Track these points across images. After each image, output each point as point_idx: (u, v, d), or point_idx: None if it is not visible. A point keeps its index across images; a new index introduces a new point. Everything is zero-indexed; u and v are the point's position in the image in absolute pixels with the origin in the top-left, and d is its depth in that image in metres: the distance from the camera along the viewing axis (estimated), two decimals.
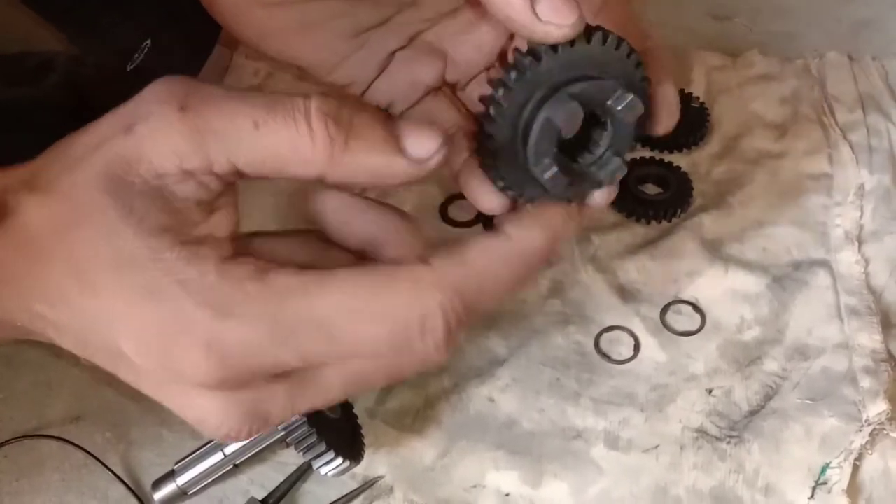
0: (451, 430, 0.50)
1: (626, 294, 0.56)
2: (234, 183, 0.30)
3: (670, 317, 0.55)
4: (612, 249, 0.59)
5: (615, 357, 0.53)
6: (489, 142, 0.32)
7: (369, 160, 0.29)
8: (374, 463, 0.49)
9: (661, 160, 0.64)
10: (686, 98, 0.67)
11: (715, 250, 0.58)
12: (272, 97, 0.29)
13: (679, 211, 0.60)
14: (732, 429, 0.49)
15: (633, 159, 0.63)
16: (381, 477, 0.48)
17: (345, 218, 0.32)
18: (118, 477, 0.48)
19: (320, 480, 0.48)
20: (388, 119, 0.30)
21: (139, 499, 0.48)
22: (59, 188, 0.29)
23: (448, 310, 0.28)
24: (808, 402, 0.50)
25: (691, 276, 0.57)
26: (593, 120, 0.34)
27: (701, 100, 0.67)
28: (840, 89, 0.68)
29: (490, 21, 0.36)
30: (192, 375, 0.28)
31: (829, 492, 0.46)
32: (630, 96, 0.32)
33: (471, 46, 0.39)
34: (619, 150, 0.34)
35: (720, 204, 0.61)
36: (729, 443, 0.49)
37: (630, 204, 0.60)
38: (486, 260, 0.30)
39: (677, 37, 0.74)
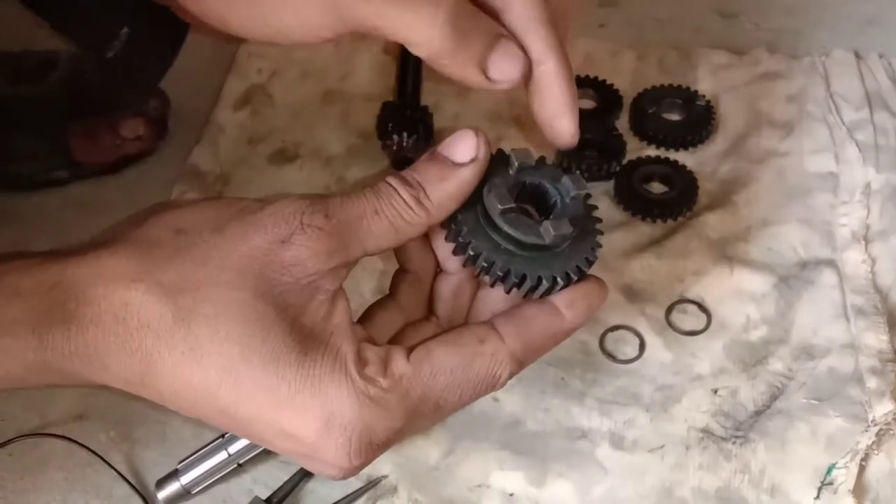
0: (456, 430, 0.50)
1: (631, 293, 0.56)
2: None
3: (676, 316, 0.55)
4: (617, 248, 0.59)
5: (620, 356, 0.53)
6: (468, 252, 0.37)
7: (447, 195, 0.35)
8: (379, 462, 0.48)
9: (667, 159, 0.63)
10: (692, 96, 0.67)
11: (720, 249, 0.58)
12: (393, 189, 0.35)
13: (684, 210, 0.60)
14: (738, 429, 0.49)
15: (639, 158, 0.63)
16: (385, 476, 0.48)
17: None
18: (122, 475, 0.48)
19: (324, 480, 0.48)
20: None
21: (143, 497, 0.47)
22: (194, 287, 0.31)
23: (511, 372, 0.36)
24: (814, 402, 0.50)
25: (697, 276, 0.56)
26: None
27: (707, 98, 0.67)
28: (846, 87, 0.67)
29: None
30: (341, 462, 0.33)
31: (835, 492, 0.46)
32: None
33: None
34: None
35: (726, 203, 0.61)
36: (734, 443, 0.48)
37: (635, 203, 0.60)
38: (543, 336, 0.36)
39: (684, 34, 0.74)
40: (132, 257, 0.32)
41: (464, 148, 0.35)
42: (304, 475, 0.48)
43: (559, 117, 0.37)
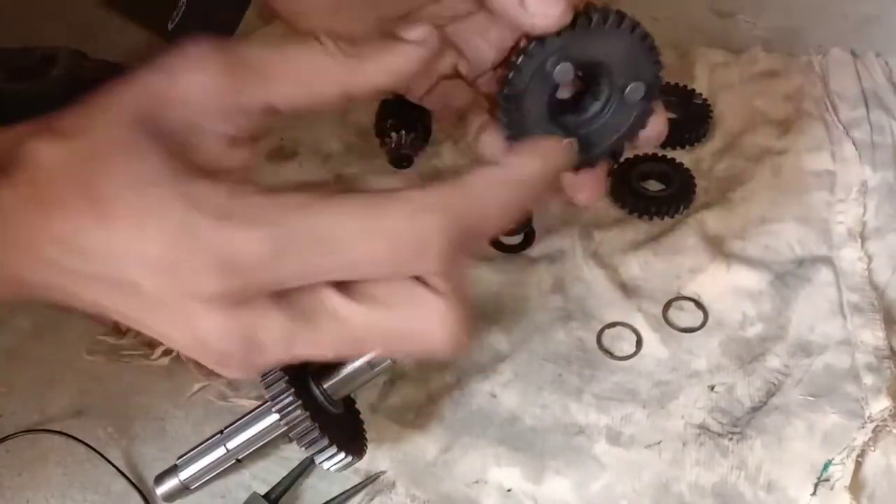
0: (454, 426, 0.50)
1: (628, 290, 0.56)
2: (260, 119, 0.31)
3: (672, 313, 0.55)
4: (614, 245, 0.59)
5: (617, 353, 0.53)
6: (505, 92, 0.38)
7: (382, 59, 0.32)
8: (377, 458, 0.49)
9: (664, 157, 0.63)
10: (689, 94, 0.67)
11: (717, 247, 0.58)
12: (300, 46, 0.31)
13: (681, 207, 0.60)
14: (734, 425, 0.49)
15: (636, 156, 0.63)
16: (383, 472, 0.48)
17: None
18: (120, 471, 0.48)
19: (323, 475, 0.49)
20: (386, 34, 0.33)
21: (141, 493, 0.48)
22: (82, 129, 0.30)
23: (447, 231, 0.29)
24: (811, 398, 0.50)
25: (694, 273, 0.57)
26: (592, 90, 0.40)
27: (704, 96, 0.67)
28: (843, 86, 0.68)
29: (500, 23, 0.39)
30: (198, 288, 0.29)
31: (832, 488, 0.46)
32: (632, 83, 0.39)
33: (483, 44, 0.41)
34: (619, 127, 0.41)
35: (722, 200, 0.61)
36: (731, 439, 0.49)
37: (632, 200, 0.60)
38: (485, 184, 0.30)
39: (681, 33, 0.74)
40: (38, 121, 0.32)
41: (417, 31, 0.33)
42: (303, 470, 0.48)
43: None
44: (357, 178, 0.43)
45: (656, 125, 0.42)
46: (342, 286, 0.31)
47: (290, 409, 0.41)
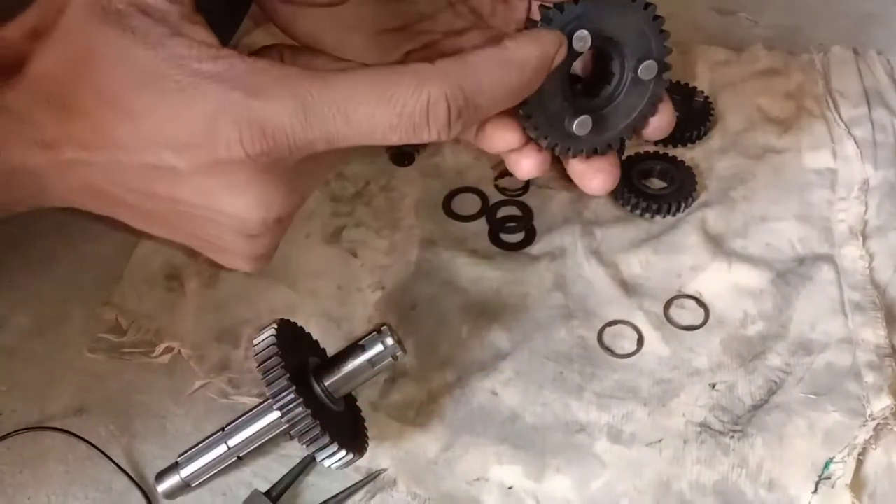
0: (455, 424, 0.50)
1: (629, 288, 0.56)
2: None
3: (674, 311, 0.55)
4: (615, 243, 0.59)
5: (618, 351, 0.53)
6: None
7: None
8: (378, 456, 0.49)
9: (665, 154, 0.63)
10: (690, 92, 0.67)
11: (718, 245, 0.58)
12: None
13: (682, 205, 0.60)
14: (736, 423, 0.49)
15: (638, 153, 0.63)
16: (384, 470, 0.48)
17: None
18: (121, 469, 0.48)
19: (324, 473, 0.48)
20: None
21: (142, 490, 0.48)
22: (60, 31, 0.31)
23: (450, 98, 0.31)
24: (812, 396, 0.50)
25: (695, 271, 0.57)
26: (605, 71, 0.41)
27: (705, 94, 0.67)
28: (845, 84, 0.67)
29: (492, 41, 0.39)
30: (233, 153, 0.31)
31: (833, 486, 0.46)
32: (645, 61, 0.40)
33: None
34: (632, 109, 0.42)
35: (724, 199, 0.61)
36: (732, 437, 0.49)
37: (633, 198, 0.60)
38: (485, 62, 0.33)
39: (682, 31, 0.74)
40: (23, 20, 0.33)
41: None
42: (304, 468, 0.48)
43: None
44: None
45: (665, 112, 0.42)
46: None
47: (291, 406, 0.41)
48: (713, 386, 0.51)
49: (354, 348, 0.45)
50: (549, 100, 0.39)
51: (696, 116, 0.66)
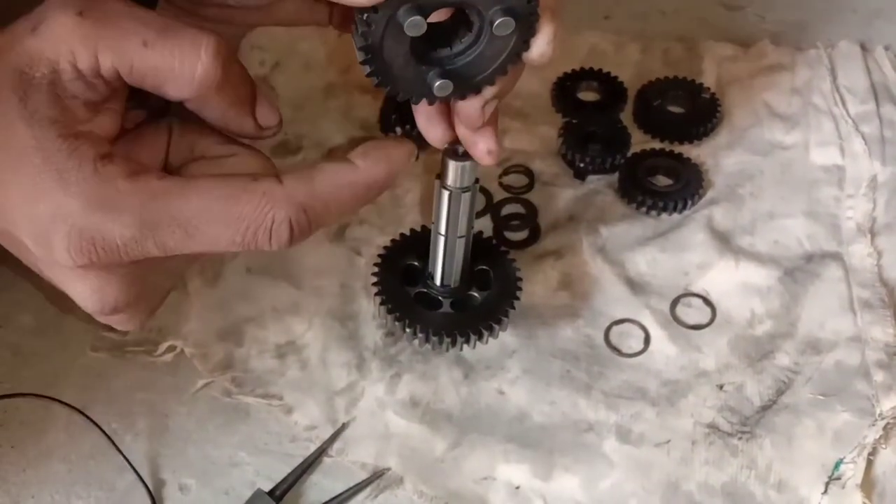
0: (462, 423, 0.49)
1: (635, 286, 0.56)
2: (119, 89, 0.34)
3: (680, 310, 0.55)
4: (621, 241, 0.58)
5: (625, 350, 0.53)
6: (360, 45, 0.36)
7: (229, 109, 0.36)
8: (384, 454, 0.48)
9: (671, 151, 0.63)
10: (697, 89, 0.67)
11: (725, 242, 0.58)
12: (168, 22, 0.33)
13: (689, 202, 0.60)
14: (744, 424, 0.49)
15: (644, 150, 0.63)
16: (388, 469, 0.48)
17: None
18: (130, 463, 0.48)
19: (327, 472, 0.48)
20: (254, 88, 0.37)
21: (147, 488, 0.47)
22: None
23: (294, 221, 0.33)
24: (821, 397, 0.50)
25: (702, 269, 0.56)
26: (462, 22, 0.38)
27: (712, 90, 0.67)
28: (852, 80, 0.67)
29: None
30: (64, 261, 0.32)
31: (843, 487, 0.46)
32: (500, 18, 0.36)
33: None
34: (491, 61, 0.38)
35: (731, 196, 0.60)
36: (741, 438, 0.48)
37: (640, 195, 0.60)
38: (333, 185, 0.35)
39: (688, 27, 0.74)
40: None
41: (270, 117, 0.37)
42: (307, 468, 0.48)
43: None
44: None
45: (538, 46, 0.38)
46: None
47: None
48: (721, 387, 0.51)
49: None
50: (400, 71, 0.37)
51: (702, 113, 0.65)
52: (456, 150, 0.44)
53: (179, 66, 0.33)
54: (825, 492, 0.46)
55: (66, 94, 0.32)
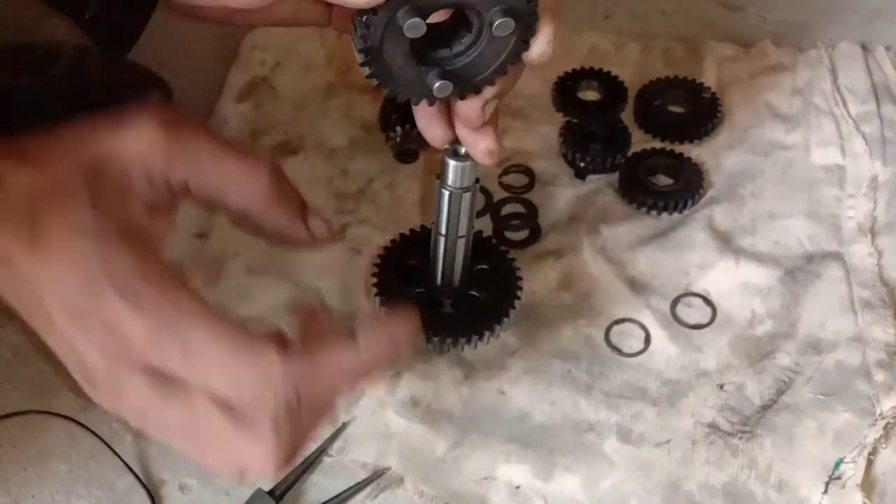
0: (463, 423, 0.49)
1: (636, 286, 0.56)
2: (180, 197, 0.37)
3: (681, 309, 0.55)
4: (621, 241, 0.58)
5: (626, 350, 0.53)
6: (359, 48, 0.37)
7: (284, 219, 0.39)
8: (384, 454, 0.48)
9: (672, 151, 0.63)
10: (698, 89, 0.67)
11: (726, 242, 0.58)
12: (235, 144, 0.38)
13: (689, 202, 0.60)
14: (745, 424, 0.49)
15: (644, 150, 0.63)
16: (388, 468, 0.48)
17: None
18: (127, 465, 0.48)
19: (328, 471, 0.48)
20: (304, 202, 0.40)
21: (146, 488, 0.47)
22: (44, 162, 0.34)
23: (282, 402, 0.33)
24: (822, 397, 0.50)
25: (702, 269, 0.56)
26: (461, 23, 0.38)
27: (712, 90, 0.67)
28: (853, 80, 0.67)
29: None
30: (86, 344, 0.33)
31: (844, 487, 0.46)
32: (500, 19, 0.36)
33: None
34: (491, 61, 0.39)
35: (731, 196, 0.60)
36: (741, 438, 0.48)
37: (640, 195, 0.60)
38: (334, 369, 0.35)
39: (689, 27, 0.74)
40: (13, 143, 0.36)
41: (322, 229, 0.41)
42: (307, 467, 0.48)
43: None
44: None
45: (538, 46, 0.38)
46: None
47: None
48: (721, 386, 0.51)
49: None
50: (399, 72, 0.38)
51: (703, 113, 0.65)
52: (456, 150, 0.44)
53: (244, 184, 0.37)
54: (825, 491, 0.46)
55: (133, 193, 0.35)
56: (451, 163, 0.45)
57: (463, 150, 0.44)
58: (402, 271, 0.50)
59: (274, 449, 0.34)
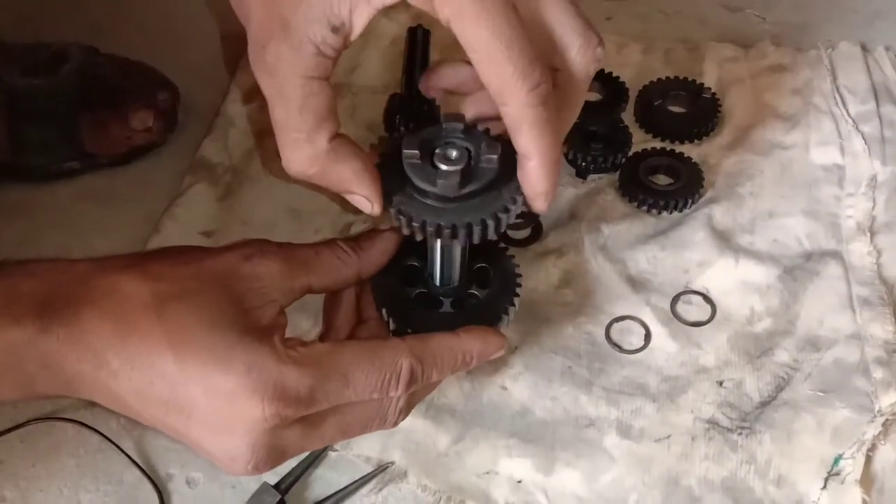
0: (465, 418, 0.50)
1: (636, 284, 0.56)
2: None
3: (681, 307, 0.55)
4: (622, 239, 0.59)
5: (626, 347, 0.53)
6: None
7: (377, 247, 0.46)
8: (388, 448, 0.49)
9: (672, 151, 0.63)
10: (698, 89, 0.67)
11: (726, 241, 0.58)
12: (324, 245, 0.45)
13: (689, 201, 0.60)
14: (744, 420, 0.49)
15: (645, 150, 0.63)
16: (393, 462, 0.49)
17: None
18: (133, 461, 0.48)
19: (333, 465, 0.49)
20: None
21: (154, 483, 0.48)
22: (167, 275, 0.39)
23: (411, 369, 0.41)
24: (820, 393, 0.50)
25: (702, 267, 0.57)
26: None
27: (712, 90, 0.67)
28: (853, 80, 0.67)
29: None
30: (251, 413, 0.37)
31: (842, 482, 0.46)
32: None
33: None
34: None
35: (731, 195, 0.61)
36: (740, 434, 0.49)
37: (640, 194, 0.60)
38: (441, 346, 0.42)
39: (690, 27, 0.74)
40: (128, 257, 0.41)
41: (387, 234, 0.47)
42: (313, 461, 0.49)
43: (534, 200, 0.41)
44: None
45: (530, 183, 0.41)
46: None
47: None
48: (721, 383, 0.51)
49: None
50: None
51: (703, 113, 0.66)
52: None
53: (344, 275, 0.45)
54: (824, 487, 0.46)
55: (267, 302, 0.40)
56: None
57: None
58: (402, 271, 0.50)
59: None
